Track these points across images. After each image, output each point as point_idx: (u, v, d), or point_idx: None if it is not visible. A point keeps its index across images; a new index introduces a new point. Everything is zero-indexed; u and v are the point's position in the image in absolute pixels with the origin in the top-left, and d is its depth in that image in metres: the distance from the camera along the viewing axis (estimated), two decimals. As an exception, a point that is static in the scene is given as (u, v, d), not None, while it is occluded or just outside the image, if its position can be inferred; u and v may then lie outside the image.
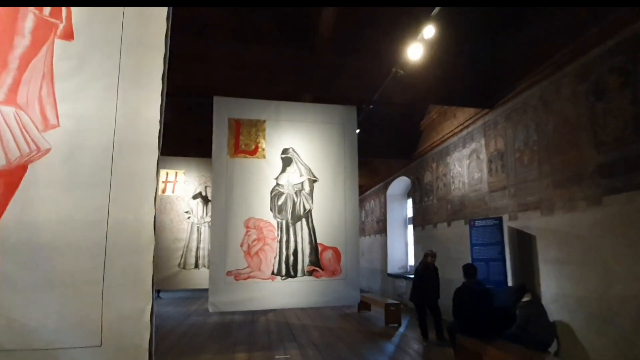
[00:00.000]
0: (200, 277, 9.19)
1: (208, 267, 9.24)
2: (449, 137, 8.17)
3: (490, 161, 6.74)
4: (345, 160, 6.11)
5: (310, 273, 5.79)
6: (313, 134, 6.09)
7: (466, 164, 7.57)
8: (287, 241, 5.80)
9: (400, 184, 12.06)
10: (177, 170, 9.67)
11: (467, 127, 7.49)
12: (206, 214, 9.54)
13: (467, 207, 7.50)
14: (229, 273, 5.55)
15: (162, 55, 1.90)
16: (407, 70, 5.36)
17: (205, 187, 9.59)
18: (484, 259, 6.17)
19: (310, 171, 6.01)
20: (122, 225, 1.77)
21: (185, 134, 9.50)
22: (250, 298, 5.53)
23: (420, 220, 9.94)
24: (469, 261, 6.17)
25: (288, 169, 5.95)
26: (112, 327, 1.71)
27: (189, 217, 9.51)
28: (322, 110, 6.20)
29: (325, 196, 5.99)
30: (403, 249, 12.38)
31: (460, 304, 4.83)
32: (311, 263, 5.82)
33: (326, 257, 5.88)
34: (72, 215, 1.75)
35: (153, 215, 1.78)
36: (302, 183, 5.97)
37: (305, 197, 5.94)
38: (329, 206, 5.98)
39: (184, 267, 9.21)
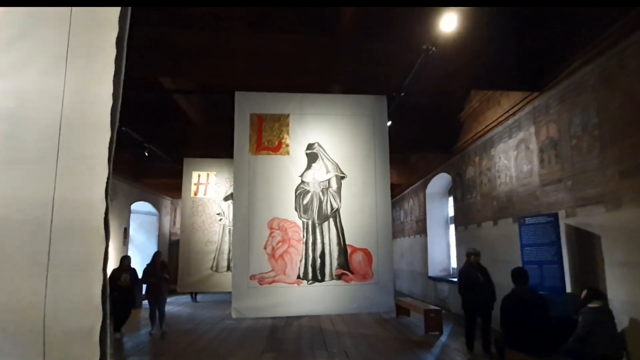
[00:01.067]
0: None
1: (240, 270, 9.06)
2: (493, 127, 7.45)
3: (541, 151, 6.00)
4: (376, 155, 5.63)
5: (339, 277, 5.36)
6: (340, 128, 5.67)
7: (513, 156, 6.83)
8: (314, 243, 5.41)
9: (440, 181, 11.34)
10: (208, 172, 9.58)
11: (513, 114, 6.75)
12: (237, 215, 9.37)
13: (515, 203, 6.76)
14: (252, 277, 5.24)
15: (116, 34, 1.56)
16: (441, 48, 4.79)
17: (236, 188, 9.41)
18: (536, 261, 5.45)
19: (337, 167, 5.59)
20: (69, 206, 1.46)
21: (215, 134, 9.40)
22: (274, 304, 5.19)
23: (462, 219, 9.21)
24: (519, 264, 5.48)
25: (314, 165, 5.57)
26: (55, 347, 1.39)
27: (220, 219, 9.38)
28: (350, 102, 5.76)
29: (354, 194, 5.54)
30: (445, 250, 11.63)
31: (509, 313, 4.21)
32: (340, 266, 5.39)
33: (356, 259, 5.43)
34: (14, 195, 1.46)
35: (105, 204, 1.45)
36: (328, 180, 5.56)
37: (333, 195, 5.53)
38: (358, 204, 5.52)
39: (216, 270, 9.08)
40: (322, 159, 5.59)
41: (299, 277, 5.31)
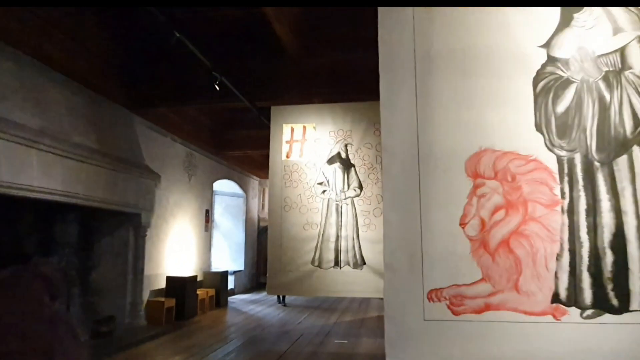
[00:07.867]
0: (342, 281, 6.05)
1: (354, 267, 6.07)
2: None
3: None
4: None
5: (673, 304, 1.98)
6: None
7: None
8: (591, 212, 2.10)
9: None
10: (304, 124, 6.72)
11: None
12: (348, 185, 6.37)
13: None
14: (433, 294, 2.11)
15: None
16: None
17: (346, 145, 6.42)
18: None
19: (644, 18, 2.18)
20: None
21: (317, 68, 6.49)
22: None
23: None
24: None
25: (577, 17, 2.23)
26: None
27: (324, 191, 6.47)
28: None
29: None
30: None
31: None
32: (669, 275, 2.01)
33: None
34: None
35: None
36: (621, 50, 2.18)
37: (637, 92, 2.14)
38: None
39: (319, 265, 6.19)
40: (600, 0, 2.21)
41: (556, 298, 2.05)
